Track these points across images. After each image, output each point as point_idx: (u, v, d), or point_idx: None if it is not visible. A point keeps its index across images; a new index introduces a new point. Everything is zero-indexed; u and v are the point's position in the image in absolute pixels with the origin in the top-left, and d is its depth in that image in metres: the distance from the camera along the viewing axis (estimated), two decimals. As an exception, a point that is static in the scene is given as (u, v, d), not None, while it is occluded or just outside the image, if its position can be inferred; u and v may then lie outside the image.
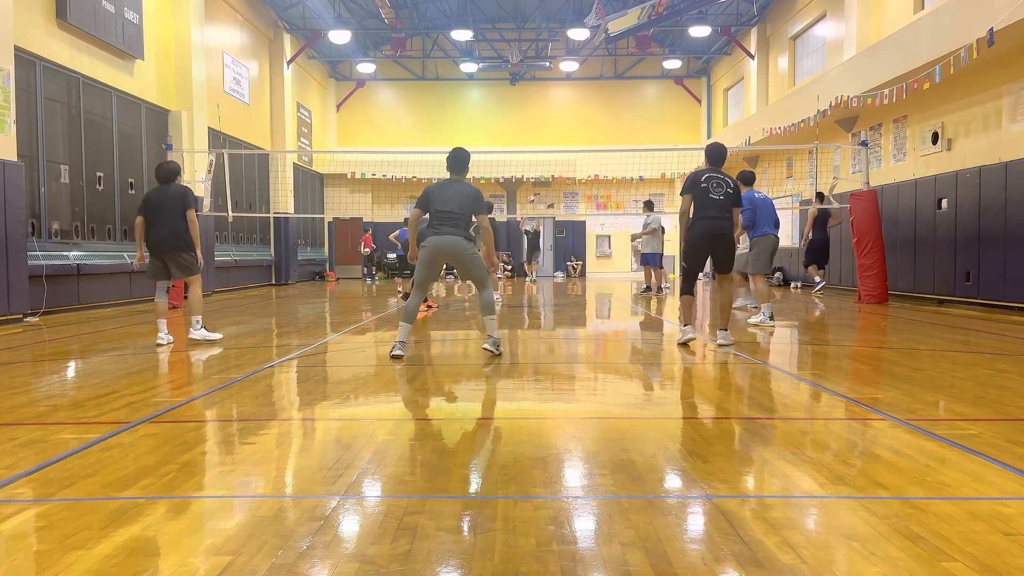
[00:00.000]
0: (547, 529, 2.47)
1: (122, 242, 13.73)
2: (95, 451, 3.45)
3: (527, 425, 4.15)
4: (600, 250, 28.74)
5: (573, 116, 28.44)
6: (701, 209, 6.94)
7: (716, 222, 6.92)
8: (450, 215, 6.23)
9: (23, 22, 10.86)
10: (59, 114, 12.18)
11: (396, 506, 2.72)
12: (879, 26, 15.51)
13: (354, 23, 23.74)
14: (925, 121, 13.53)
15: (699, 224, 6.94)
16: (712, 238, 6.98)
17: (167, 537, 2.44)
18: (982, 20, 10.06)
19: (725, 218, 6.95)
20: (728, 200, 6.96)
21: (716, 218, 6.92)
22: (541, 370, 6.06)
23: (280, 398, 5.09)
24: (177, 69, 15.58)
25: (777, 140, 18.10)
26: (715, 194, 6.93)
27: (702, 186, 6.94)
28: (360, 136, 28.14)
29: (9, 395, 4.91)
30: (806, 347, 7.64)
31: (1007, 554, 2.26)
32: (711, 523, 2.56)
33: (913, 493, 2.83)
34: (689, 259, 7.10)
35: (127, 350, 7.32)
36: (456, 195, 6.30)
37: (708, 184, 6.94)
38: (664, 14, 19.15)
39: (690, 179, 7.09)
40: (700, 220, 6.94)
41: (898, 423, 3.94)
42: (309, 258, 24.93)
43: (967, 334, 8.34)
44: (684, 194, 7.05)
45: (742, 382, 5.54)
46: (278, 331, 9.31)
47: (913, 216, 13.48)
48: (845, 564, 2.20)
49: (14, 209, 9.81)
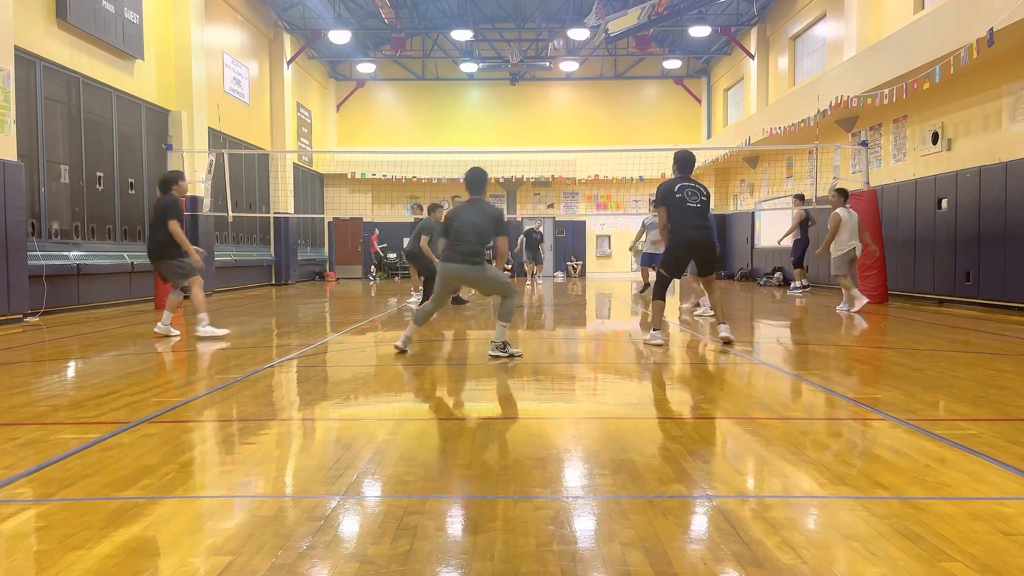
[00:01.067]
0: (547, 529, 2.47)
1: (122, 242, 13.73)
2: (95, 451, 3.45)
3: (527, 425, 4.15)
4: (600, 250, 28.74)
5: (573, 116, 28.44)
6: (681, 219, 7.03)
7: (699, 231, 7.05)
8: (466, 243, 6.35)
9: (23, 22, 10.86)
10: (59, 114, 12.18)
11: (396, 506, 2.72)
12: (879, 26, 15.51)
13: (354, 23, 23.74)
14: (925, 121, 13.53)
15: (682, 235, 7.04)
16: (696, 247, 7.12)
17: (167, 537, 2.44)
18: (982, 20, 10.05)
19: (705, 226, 7.10)
20: (704, 207, 7.10)
21: (698, 227, 7.05)
22: (541, 370, 6.06)
23: (280, 398, 5.09)
24: (177, 69, 15.58)
25: (777, 140, 18.11)
26: (692, 202, 7.03)
27: (676, 196, 7.04)
28: (360, 136, 28.14)
29: (9, 395, 4.91)
30: (806, 347, 7.64)
31: (1007, 554, 2.26)
32: (711, 523, 2.56)
33: (913, 493, 2.83)
34: (670, 268, 7.21)
35: (127, 350, 7.32)
36: (475, 223, 6.35)
37: (683, 193, 7.05)
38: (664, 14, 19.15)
39: (662, 191, 7.14)
40: (683, 231, 7.04)
41: (898, 423, 3.94)
42: (309, 258, 24.93)
43: (967, 334, 8.34)
44: (659, 206, 7.12)
45: (742, 382, 5.54)
46: (278, 331, 9.30)
47: (913, 216, 13.48)
48: (845, 564, 2.20)
49: (14, 209, 9.82)
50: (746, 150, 21.18)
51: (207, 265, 15.68)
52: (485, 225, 6.35)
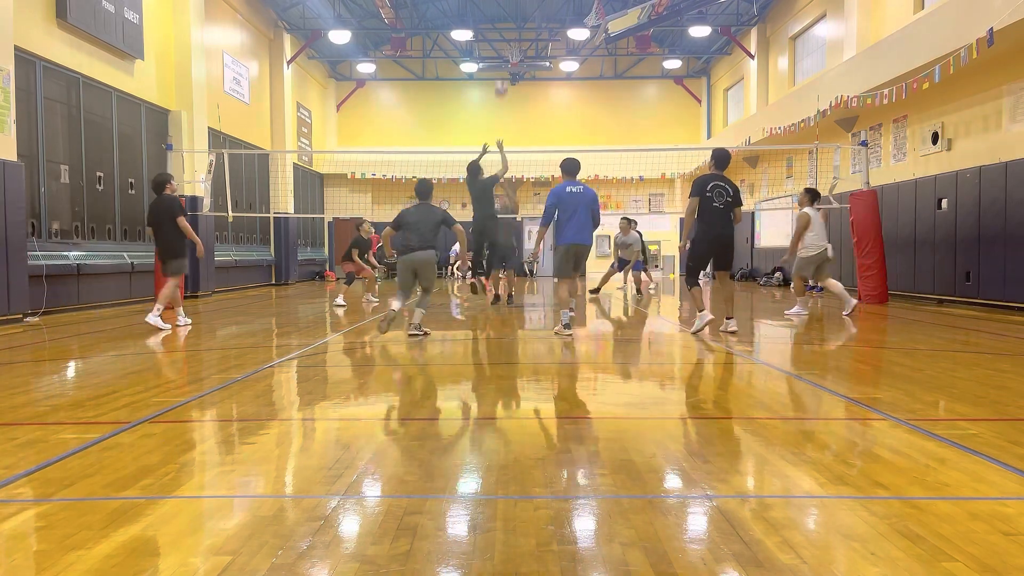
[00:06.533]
0: (547, 529, 2.47)
1: (122, 242, 13.73)
2: (95, 451, 3.45)
3: (527, 425, 4.15)
4: (600, 250, 28.71)
5: (573, 116, 28.42)
6: (705, 217, 7.74)
7: (721, 231, 7.77)
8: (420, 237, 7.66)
9: (23, 22, 10.85)
10: (59, 114, 12.17)
11: (396, 506, 2.72)
12: (879, 26, 15.51)
13: (354, 23, 23.73)
14: (925, 121, 13.53)
15: (705, 234, 7.77)
16: (718, 245, 7.86)
17: (167, 537, 2.44)
18: (982, 20, 10.05)
19: (727, 225, 7.79)
20: (727, 208, 7.77)
21: (721, 227, 7.76)
22: (541, 370, 6.06)
23: (280, 398, 5.09)
24: (177, 69, 15.57)
25: (777, 140, 18.10)
26: (717, 202, 7.72)
27: (707, 195, 7.72)
28: (360, 136, 28.13)
29: (9, 395, 4.91)
30: (806, 347, 7.64)
31: (1007, 554, 2.26)
32: (711, 523, 2.56)
33: (913, 493, 2.83)
34: (696, 261, 8.00)
35: (127, 350, 7.32)
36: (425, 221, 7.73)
37: (712, 193, 7.73)
38: (664, 14, 19.14)
39: (699, 184, 7.83)
40: (706, 231, 7.76)
41: (898, 423, 3.94)
42: (309, 258, 24.92)
43: (967, 334, 8.34)
44: (693, 197, 7.80)
45: (742, 382, 5.54)
46: (278, 331, 9.30)
47: (913, 216, 13.48)
48: (845, 564, 2.20)
49: (14, 209, 9.81)
50: (746, 150, 21.17)
51: (207, 265, 15.75)
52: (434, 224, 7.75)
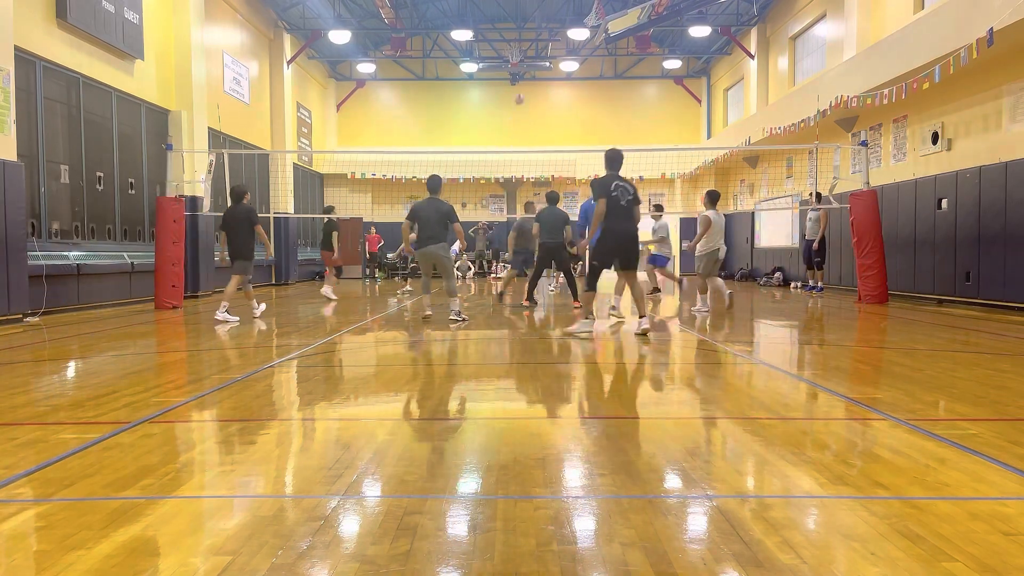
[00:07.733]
0: (547, 529, 2.47)
1: (122, 242, 13.73)
2: (95, 451, 3.45)
3: (527, 425, 4.15)
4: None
5: (573, 116, 28.42)
6: (612, 215, 7.65)
7: (626, 228, 7.75)
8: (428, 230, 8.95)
9: (23, 22, 10.85)
10: (59, 114, 12.17)
11: (396, 506, 2.72)
12: (879, 26, 15.51)
13: (354, 23, 23.73)
14: (925, 121, 13.53)
15: (612, 231, 7.67)
16: (625, 240, 7.79)
17: (167, 537, 2.44)
18: (982, 20, 10.05)
19: (631, 222, 7.81)
20: (630, 205, 7.74)
21: (626, 225, 7.73)
22: (541, 370, 6.06)
23: (280, 398, 5.09)
24: (177, 69, 15.56)
25: (777, 140, 18.10)
26: (622, 200, 7.68)
27: (613, 194, 7.64)
28: (360, 136, 28.13)
29: (9, 395, 4.91)
30: (806, 347, 7.64)
31: (1007, 554, 2.26)
32: (711, 523, 2.56)
33: (913, 493, 2.83)
34: (601, 260, 7.86)
35: (127, 350, 7.32)
36: (435, 214, 9.04)
37: (617, 192, 7.67)
38: (664, 14, 19.14)
39: (601, 186, 7.71)
40: (612, 227, 7.66)
41: (898, 423, 3.94)
42: (309, 258, 24.92)
43: (967, 334, 8.34)
44: (599, 198, 7.65)
45: (742, 382, 5.54)
46: (278, 331, 9.30)
47: (913, 216, 13.48)
48: (845, 564, 2.20)
49: (14, 209, 9.81)
50: (746, 150, 21.16)
51: (207, 265, 15.75)
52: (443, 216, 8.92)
